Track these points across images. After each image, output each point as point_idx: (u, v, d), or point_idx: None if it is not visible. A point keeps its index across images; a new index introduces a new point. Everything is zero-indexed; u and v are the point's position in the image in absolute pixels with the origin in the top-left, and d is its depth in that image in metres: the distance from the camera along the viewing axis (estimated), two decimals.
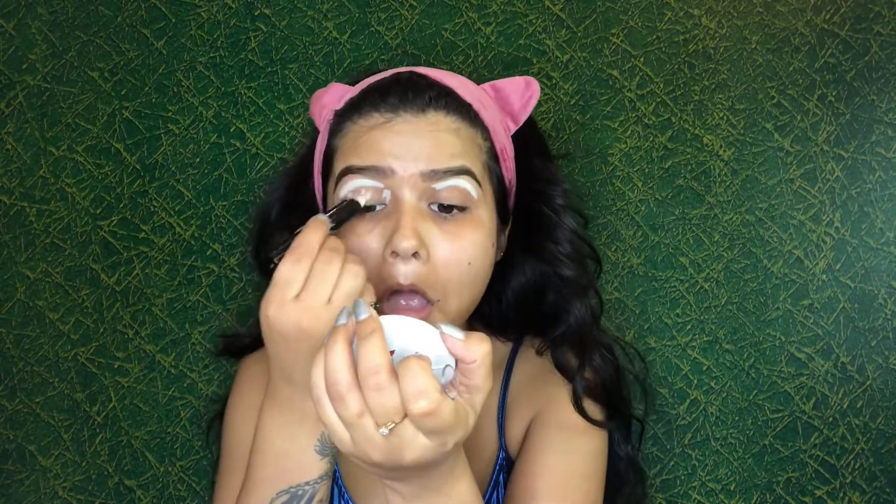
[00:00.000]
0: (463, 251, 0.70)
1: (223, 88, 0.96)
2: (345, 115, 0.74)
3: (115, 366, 0.95)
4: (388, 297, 0.70)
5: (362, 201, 0.70)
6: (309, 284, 0.60)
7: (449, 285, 0.70)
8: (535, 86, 0.80)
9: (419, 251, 0.68)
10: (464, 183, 0.70)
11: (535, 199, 0.82)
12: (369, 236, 0.70)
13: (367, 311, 0.53)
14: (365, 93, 0.74)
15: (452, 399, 0.53)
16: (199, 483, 0.95)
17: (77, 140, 0.95)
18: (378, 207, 0.70)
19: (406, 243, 0.67)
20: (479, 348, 0.53)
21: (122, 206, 0.95)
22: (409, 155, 0.69)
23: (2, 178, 0.95)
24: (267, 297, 0.61)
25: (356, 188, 0.70)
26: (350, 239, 0.70)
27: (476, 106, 0.74)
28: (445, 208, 0.70)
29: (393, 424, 0.51)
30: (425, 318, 0.69)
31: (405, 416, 0.52)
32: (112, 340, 0.95)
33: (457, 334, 0.53)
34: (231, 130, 0.96)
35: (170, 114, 0.96)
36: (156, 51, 0.96)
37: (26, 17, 0.95)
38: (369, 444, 0.52)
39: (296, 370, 0.62)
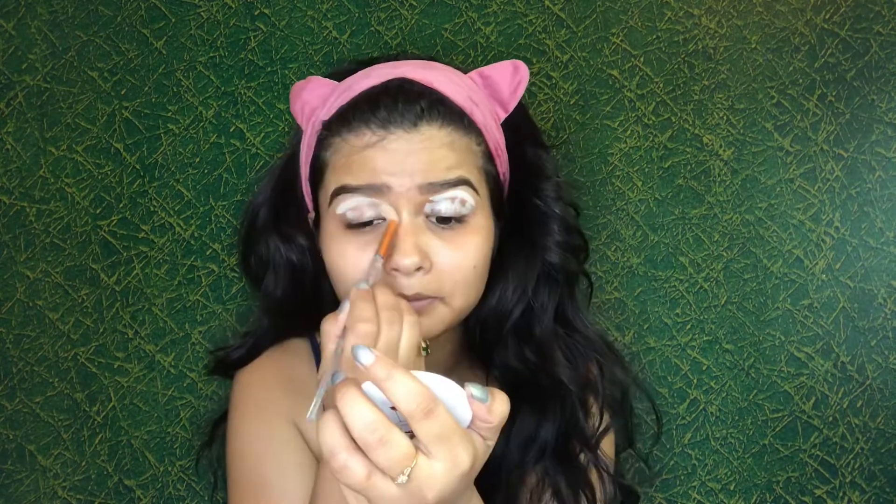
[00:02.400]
0: (466, 257, 0.71)
1: (223, 88, 0.96)
2: (333, 129, 0.73)
3: (115, 366, 0.95)
4: None
5: (366, 217, 0.70)
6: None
7: (455, 287, 0.71)
8: (524, 70, 0.79)
9: (422, 265, 0.69)
10: (461, 193, 0.70)
11: (524, 190, 0.81)
12: (370, 249, 0.70)
13: (341, 375, 0.54)
14: (354, 105, 0.72)
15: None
16: (199, 483, 0.95)
17: (77, 140, 0.95)
18: (375, 222, 0.70)
19: (408, 260, 0.68)
20: (502, 410, 0.53)
21: (122, 206, 0.95)
22: (404, 171, 0.69)
23: (2, 178, 0.95)
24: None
25: (355, 206, 0.70)
26: (350, 252, 0.71)
27: (468, 108, 0.73)
28: (444, 220, 0.70)
29: (409, 469, 0.51)
30: (430, 311, 0.71)
31: (416, 455, 0.51)
32: (112, 340, 0.95)
33: (482, 395, 0.53)
34: (231, 130, 0.96)
35: (170, 114, 0.96)
36: (156, 51, 0.96)
37: (26, 17, 0.95)
38: (388, 500, 0.51)
39: None
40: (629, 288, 0.96)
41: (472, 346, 0.84)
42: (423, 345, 0.66)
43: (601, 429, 0.82)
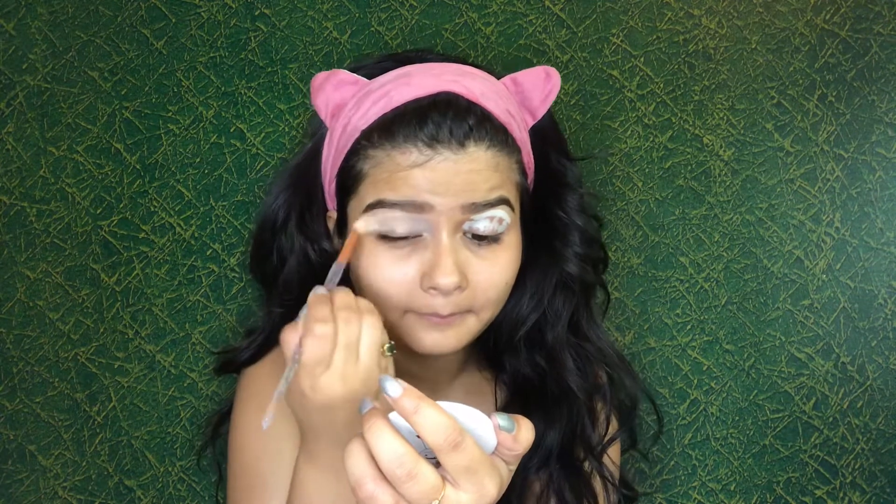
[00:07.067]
0: (500, 274, 0.71)
1: (223, 88, 0.96)
2: (375, 140, 0.70)
3: (115, 366, 0.95)
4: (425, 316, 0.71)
5: (399, 230, 0.69)
6: (336, 353, 0.62)
7: (487, 303, 0.72)
8: (556, 77, 0.77)
9: (461, 284, 0.68)
10: (500, 213, 0.70)
11: (547, 199, 0.80)
12: (406, 264, 0.70)
13: (368, 404, 0.54)
14: (400, 118, 0.70)
15: None
16: (199, 483, 0.95)
17: (77, 140, 0.95)
18: (411, 236, 0.70)
19: (449, 280, 0.67)
20: (528, 438, 0.54)
21: (122, 206, 0.95)
22: (448, 192, 0.68)
23: (2, 178, 0.95)
24: (299, 375, 0.62)
25: (393, 218, 0.69)
26: (384, 265, 0.70)
27: (508, 123, 0.72)
28: (481, 237, 0.70)
29: (437, 502, 0.51)
30: (460, 322, 0.71)
31: (443, 486, 0.51)
32: (112, 340, 0.95)
33: (509, 425, 0.53)
34: (231, 130, 0.96)
35: (170, 114, 0.96)
36: (156, 51, 0.96)
37: (26, 17, 0.95)
38: None
39: (343, 432, 0.62)
40: (629, 288, 0.96)
41: (482, 349, 0.84)
42: (388, 345, 0.65)
43: (607, 437, 0.82)
